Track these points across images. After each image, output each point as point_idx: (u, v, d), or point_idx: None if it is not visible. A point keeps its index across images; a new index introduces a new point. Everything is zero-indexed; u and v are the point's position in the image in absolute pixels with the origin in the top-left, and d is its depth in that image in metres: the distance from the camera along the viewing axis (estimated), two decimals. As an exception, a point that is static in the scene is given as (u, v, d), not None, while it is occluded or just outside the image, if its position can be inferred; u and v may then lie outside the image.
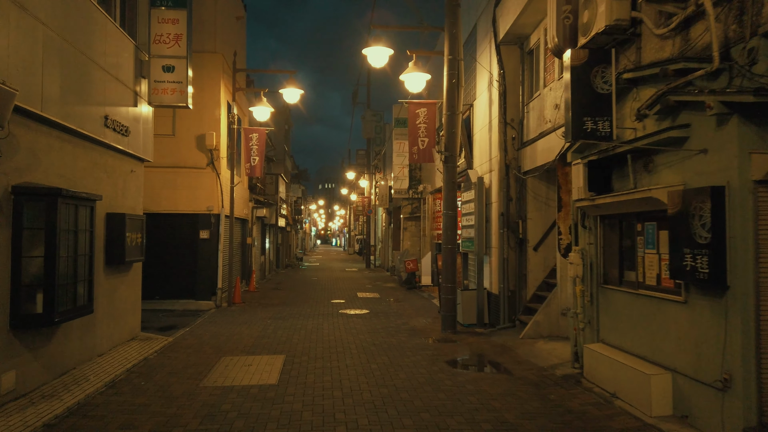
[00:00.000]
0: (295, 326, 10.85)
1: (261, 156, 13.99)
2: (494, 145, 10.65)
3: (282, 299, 15.55)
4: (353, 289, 18.77)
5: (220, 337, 9.64)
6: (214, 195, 13.92)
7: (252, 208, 19.35)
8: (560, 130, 7.94)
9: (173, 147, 13.86)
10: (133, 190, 8.91)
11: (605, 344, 6.63)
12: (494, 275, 10.67)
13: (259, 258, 21.27)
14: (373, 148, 33.00)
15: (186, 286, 13.84)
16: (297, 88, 13.62)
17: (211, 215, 13.86)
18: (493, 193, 10.80)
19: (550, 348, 8.39)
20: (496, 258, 10.57)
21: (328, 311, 13.08)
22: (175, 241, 13.90)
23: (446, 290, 10.30)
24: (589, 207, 6.58)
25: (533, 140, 9.57)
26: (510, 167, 10.30)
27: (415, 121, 11.02)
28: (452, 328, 10.21)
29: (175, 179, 13.80)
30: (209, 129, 13.84)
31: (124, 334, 8.64)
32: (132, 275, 8.90)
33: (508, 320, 10.16)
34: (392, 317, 12.20)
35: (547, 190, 10.11)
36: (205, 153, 13.90)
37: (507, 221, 10.24)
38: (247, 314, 12.51)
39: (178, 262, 13.86)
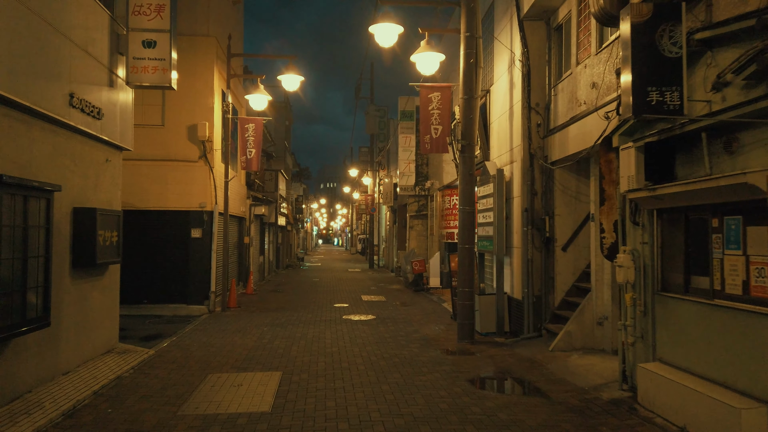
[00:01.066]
0: (294, 335, 9.75)
1: (258, 148, 12.90)
2: (516, 133, 9.54)
3: (281, 303, 14.46)
4: (357, 291, 17.67)
5: (210, 349, 8.54)
6: (207, 190, 12.82)
7: (250, 205, 18.26)
8: (602, 110, 6.83)
9: (162, 138, 12.77)
10: (109, 182, 7.82)
11: (664, 364, 5.51)
12: (516, 278, 9.56)
13: (257, 258, 20.18)
14: (376, 145, 31.91)
15: (177, 289, 12.74)
16: (297, 74, 12.52)
17: (204, 212, 12.77)
18: (514, 187, 9.69)
19: (588, 363, 7.27)
20: (518, 259, 9.46)
21: (330, 317, 11.98)
22: (164, 241, 12.81)
23: (463, 295, 9.19)
24: (647, 199, 5.47)
25: (563, 126, 8.46)
26: (535, 157, 9.18)
27: (427, 106, 9.90)
28: (470, 338, 9.10)
29: (164, 173, 12.71)
30: (201, 119, 12.75)
31: (98, 346, 7.54)
32: (107, 279, 7.80)
33: (533, 329, 9.05)
34: (401, 324, 11.10)
35: (577, 182, 8.99)
36: (197, 145, 12.80)
37: (531, 218, 9.13)
38: (242, 320, 11.41)
39: (168, 263, 12.77)
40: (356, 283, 20.87)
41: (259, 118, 13.02)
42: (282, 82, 12.65)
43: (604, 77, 7.03)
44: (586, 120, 7.56)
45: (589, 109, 7.52)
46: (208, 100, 12.89)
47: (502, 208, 9.82)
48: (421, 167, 20.85)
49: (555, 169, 8.93)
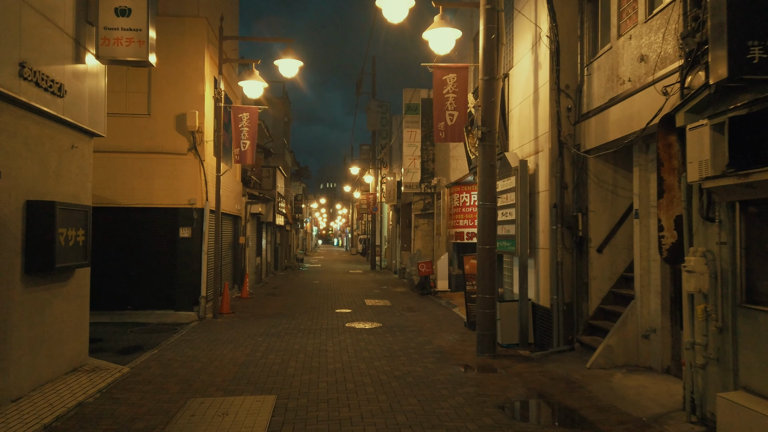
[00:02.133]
0: (291, 347, 8.65)
1: (252, 140, 11.82)
2: (542, 119, 8.45)
3: (278, 308, 13.36)
4: (360, 295, 16.56)
5: (195, 364, 7.44)
6: (197, 186, 11.72)
7: (245, 203, 17.17)
8: (660, 84, 5.73)
9: (149, 129, 11.67)
10: (75, 172, 6.72)
11: (752, 394, 4.42)
12: (543, 283, 8.47)
13: (254, 260, 19.08)
14: (378, 142, 30.83)
15: (163, 294, 11.64)
16: (295, 59, 11.42)
17: (194, 210, 11.67)
18: (540, 180, 8.59)
19: (637, 385, 6.18)
20: (545, 262, 8.37)
21: (332, 324, 10.88)
22: (150, 241, 11.70)
23: (483, 303, 8.09)
24: (732, 188, 4.37)
25: (600, 109, 7.36)
26: (565, 146, 8.09)
27: (441, 90, 8.81)
28: (491, 351, 8.01)
29: (150, 167, 11.61)
30: (191, 108, 11.65)
31: (62, 364, 6.44)
32: (73, 286, 6.69)
33: (563, 341, 7.95)
34: (410, 333, 10.00)
35: (614, 173, 7.90)
36: (187, 136, 11.70)
37: (561, 215, 8.03)
38: (234, 329, 10.31)
39: (154, 265, 11.66)
40: (358, 285, 19.77)
41: (254, 107, 11.93)
42: (279, 67, 11.55)
43: (660, 47, 5.93)
44: (633, 99, 6.46)
45: (636, 86, 6.43)
46: (198, 88, 11.80)
47: (525, 204, 8.72)
48: (427, 163, 19.78)
49: (589, 159, 7.84)
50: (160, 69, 11.68)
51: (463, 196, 15.79)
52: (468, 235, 15.56)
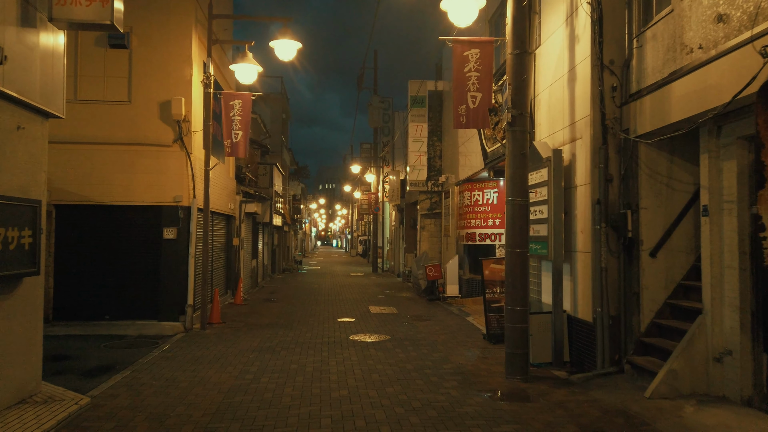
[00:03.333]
0: (288, 366, 7.43)
1: (245, 130, 10.60)
2: (581, 101, 7.24)
3: (275, 316, 12.13)
4: (363, 300, 15.34)
5: (172, 391, 6.22)
6: (183, 181, 10.50)
7: (240, 202, 15.94)
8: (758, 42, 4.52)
9: (129, 118, 10.45)
10: (23, 159, 5.49)
11: None
12: (582, 293, 7.25)
13: (249, 263, 17.85)
14: (380, 139, 29.61)
15: (145, 302, 10.41)
16: (293, 40, 10.19)
17: (180, 208, 10.44)
18: (577, 172, 7.38)
19: (717, 423, 4.96)
20: (584, 267, 7.16)
21: (334, 337, 9.66)
22: (130, 243, 10.48)
23: (514, 316, 6.88)
24: None
25: (657, 85, 6.16)
26: (609, 131, 6.88)
27: (462, 68, 7.60)
28: (522, 373, 6.80)
29: (131, 160, 10.39)
30: (177, 94, 10.43)
31: (3, 396, 5.21)
32: (17, 300, 5.45)
33: (609, 362, 6.73)
34: (423, 347, 8.79)
35: (669, 163, 6.69)
36: (172, 126, 10.49)
37: (605, 212, 6.82)
38: (224, 342, 9.08)
39: (135, 270, 10.44)
40: (360, 290, 18.54)
41: (247, 94, 10.72)
42: (276, 49, 10.32)
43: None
44: (707, 70, 5.26)
45: (710, 54, 5.23)
46: (184, 72, 10.58)
47: (559, 200, 7.51)
48: (434, 160, 18.57)
49: (640, 146, 6.63)
50: (142, 51, 10.49)
51: (475, 194, 14.57)
52: (480, 237, 14.35)
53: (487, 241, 14.24)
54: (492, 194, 14.24)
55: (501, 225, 14.07)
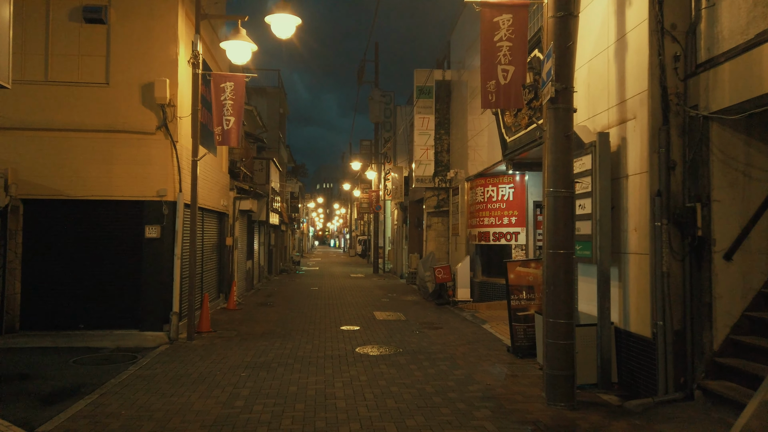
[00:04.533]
0: (285, 389, 6.27)
1: (238, 116, 9.45)
2: (635, 74, 6.10)
3: (271, 323, 10.97)
4: (366, 305, 14.18)
5: (144, 425, 5.06)
6: (168, 173, 9.35)
7: (234, 198, 14.78)
8: None
9: (107, 102, 9.30)
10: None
11: None
12: (634, 302, 6.11)
13: (243, 264, 16.68)
14: (381, 135, 28.46)
15: (125, 309, 9.26)
16: (291, 14, 9.03)
17: (164, 203, 9.28)
18: (629, 159, 6.24)
19: None
20: (639, 271, 6.02)
21: (338, 349, 8.51)
22: (108, 243, 9.32)
23: (556, 330, 5.74)
24: None
25: (738, 51, 5.02)
26: (673, 109, 5.74)
27: (491, 36, 6.46)
28: (567, 399, 5.66)
29: (109, 149, 9.24)
30: (161, 75, 9.28)
31: None
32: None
33: (674, 386, 5.59)
34: (441, 362, 7.65)
35: (746, 147, 5.55)
36: (155, 111, 9.33)
37: (667, 206, 5.69)
38: (212, 357, 7.93)
39: (113, 273, 9.29)
40: (363, 292, 17.39)
41: (240, 75, 9.56)
42: (272, 25, 9.15)
43: None
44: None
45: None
46: (169, 50, 9.42)
47: (606, 192, 6.36)
48: (441, 154, 17.43)
49: (711, 126, 5.49)
50: (121, 27, 9.35)
51: (489, 190, 13.44)
52: (495, 236, 13.22)
53: (502, 241, 13.11)
54: (507, 190, 13.10)
55: (517, 223, 12.94)
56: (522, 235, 12.90)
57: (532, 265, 8.38)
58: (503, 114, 10.43)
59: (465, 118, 15.68)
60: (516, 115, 9.85)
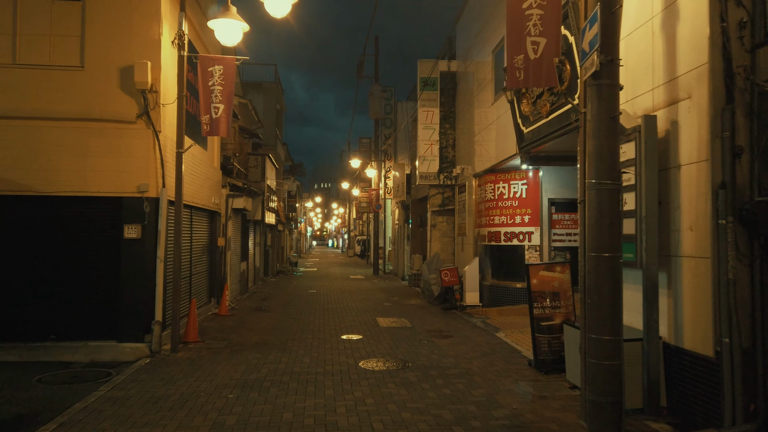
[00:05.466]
0: (280, 417, 5.35)
1: (228, 103, 8.52)
2: (689, 47, 5.19)
3: (265, 332, 10.04)
4: (368, 310, 13.26)
5: (104, 468, 4.14)
6: (149, 167, 8.41)
7: (227, 196, 13.84)
8: None
9: (82, 87, 8.36)
10: None
11: None
12: (689, 314, 5.20)
13: (237, 266, 15.73)
14: (382, 131, 27.54)
15: (102, 317, 8.32)
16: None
17: (145, 200, 8.34)
18: (681, 146, 5.33)
19: None
20: (695, 278, 5.11)
21: (339, 363, 7.58)
22: (82, 244, 8.38)
23: (599, 348, 4.83)
24: None
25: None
26: (738, 86, 4.83)
27: (519, 3, 5.52)
28: (614, 428, 4.74)
29: (84, 140, 8.30)
30: (141, 57, 8.34)
31: None
32: None
33: (742, 415, 4.68)
34: (457, 380, 6.73)
35: (831, 131, 4.64)
36: (135, 97, 8.40)
37: (732, 201, 4.78)
38: (196, 374, 7.00)
39: (88, 278, 8.35)
40: (363, 295, 16.45)
41: (230, 58, 8.64)
42: (266, 2, 8.21)
43: None
44: None
45: None
46: (151, 30, 8.48)
47: (653, 185, 5.45)
48: (446, 150, 16.51)
49: (790, 105, 4.58)
50: (98, 4, 8.42)
51: (500, 187, 12.52)
52: (506, 236, 12.30)
53: (514, 242, 12.19)
54: (520, 186, 12.19)
55: (531, 222, 12.02)
56: (536, 235, 11.99)
57: (558, 269, 7.46)
58: (520, 102, 9.51)
59: (471, 112, 14.78)
60: (535, 103, 8.94)
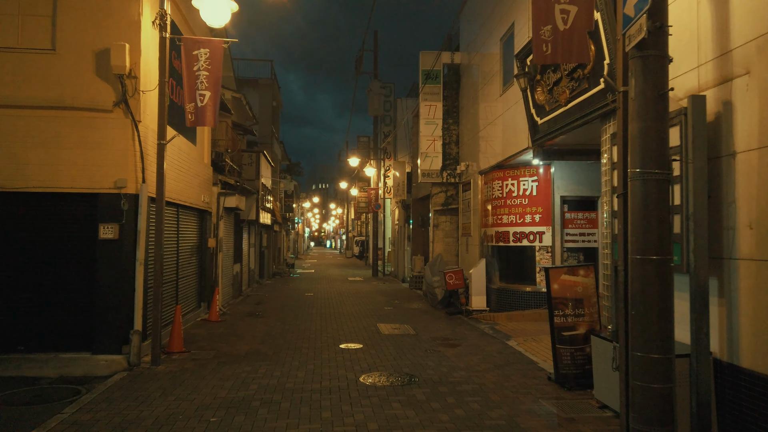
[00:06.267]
0: (268, 447, 4.58)
1: (215, 90, 7.75)
2: (748, 11, 4.42)
3: (257, 340, 9.26)
4: (368, 315, 12.48)
5: None
6: (128, 160, 7.63)
7: (218, 194, 13.06)
8: None
9: (53, 72, 7.58)
10: None
11: None
12: (748, 325, 4.43)
13: (230, 268, 14.94)
14: (381, 129, 26.79)
15: (75, 327, 7.54)
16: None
17: (123, 197, 7.56)
18: (738, 131, 4.56)
19: None
20: (757, 284, 4.35)
21: (337, 378, 6.81)
22: (54, 245, 7.59)
23: (647, 368, 4.06)
24: None
25: None
26: (812, 57, 4.07)
27: (547, -35, 4.76)
28: (663, 465, 3.97)
29: (55, 130, 7.51)
30: (119, 39, 7.56)
31: None
32: None
33: (820, 451, 3.91)
34: (469, 397, 5.97)
35: None
36: (113, 84, 7.62)
37: (804, 194, 4.01)
38: (177, 391, 6.22)
39: (60, 282, 7.57)
40: (363, 299, 15.68)
41: (217, 40, 7.86)
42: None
43: None
44: None
45: None
46: (130, 9, 7.70)
47: (702, 176, 4.68)
48: (449, 146, 15.75)
49: None
50: (71, -20, 7.61)
51: (508, 184, 11.76)
52: (515, 236, 11.55)
53: (524, 242, 11.44)
54: (530, 183, 11.43)
55: (542, 222, 11.27)
56: (547, 235, 11.24)
57: (581, 272, 6.70)
58: (534, 90, 8.75)
59: (476, 106, 14.03)
60: (551, 90, 8.18)
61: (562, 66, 7.70)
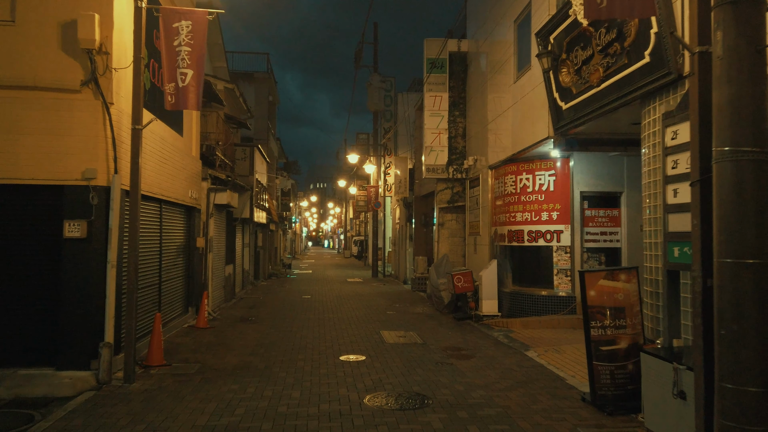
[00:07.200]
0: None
1: (198, 69, 6.80)
2: None
3: (247, 350, 8.29)
4: (370, 320, 11.52)
5: None
6: (98, 148, 6.66)
7: (208, 190, 12.08)
8: None
9: (11, 47, 6.60)
10: None
11: None
12: None
13: (221, 270, 13.97)
14: (381, 125, 25.82)
15: (36, 338, 6.57)
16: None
17: (92, 189, 6.59)
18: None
19: None
20: None
21: (338, 398, 5.85)
22: (12, 244, 6.62)
23: (740, 404, 3.13)
24: None
25: None
26: None
27: None
28: None
29: (13, 114, 6.54)
30: (88, 9, 6.60)
31: None
32: None
33: None
34: (494, 425, 5.03)
35: None
36: (81, 60, 6.65)
37: None
38: (149, 416, 5.26)
39: (18, 287, 6.59)
40: (363, 302, 14.71)
41: (200, 11, 6.91)
42: None
43: None
44: None
45: None
46: (101, -25, 6.73)
47: None
48: (455, 140, 14.80)
49: None
50: (32, -60, 6.64)
51: (523, 179, 10.83)
52: (530, 235, 10.61)
53: (540, 242, 10.51)
54: (547, 178, 10.50)
55: (560, 220, 10.33)
56: (566, 234, 10.30)
57: (622, 277, 5.75)
58: (558, 71, 7.81)
59: (485, 98, 13.09)
60: (579, 70, 7.24)
61: (594, 41, 6.76)
